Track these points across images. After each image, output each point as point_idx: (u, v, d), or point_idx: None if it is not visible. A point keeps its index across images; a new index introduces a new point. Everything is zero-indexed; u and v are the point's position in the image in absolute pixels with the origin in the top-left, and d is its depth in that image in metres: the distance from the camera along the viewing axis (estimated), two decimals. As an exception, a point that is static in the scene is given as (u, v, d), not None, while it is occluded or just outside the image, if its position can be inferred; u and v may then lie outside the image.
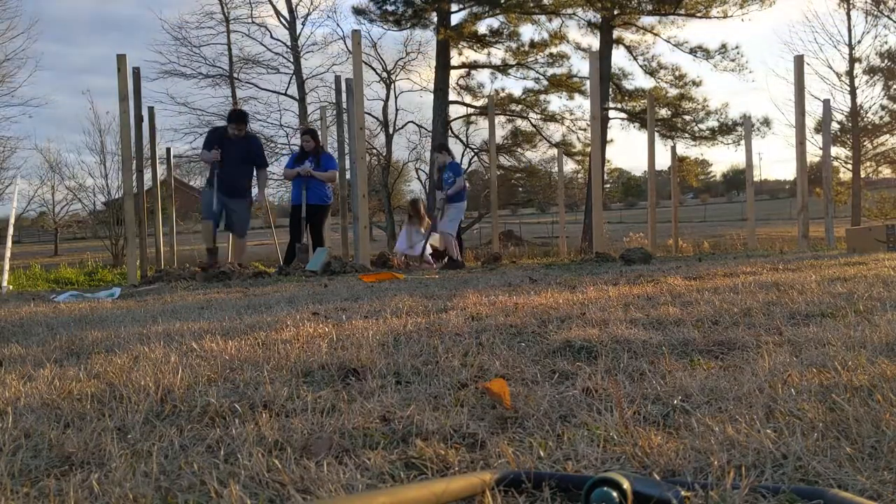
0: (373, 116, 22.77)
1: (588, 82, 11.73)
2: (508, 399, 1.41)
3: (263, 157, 7.97)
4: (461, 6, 20.72)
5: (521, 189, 28.12)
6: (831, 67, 23.82)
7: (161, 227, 10.76)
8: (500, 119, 21.90)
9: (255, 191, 7.74)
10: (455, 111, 22.04)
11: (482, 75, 25.06)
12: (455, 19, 20.96)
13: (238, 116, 7.66)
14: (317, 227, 8.06)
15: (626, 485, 0.90)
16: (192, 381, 1.69)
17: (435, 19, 20.73)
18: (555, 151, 20.25)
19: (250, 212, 8.03)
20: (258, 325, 2.70)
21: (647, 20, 20.53)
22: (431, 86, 21.28)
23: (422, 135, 23.91)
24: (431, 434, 1.25)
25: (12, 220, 9.18)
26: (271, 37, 22.65)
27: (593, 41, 20.70)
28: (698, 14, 19.98)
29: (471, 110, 22.39)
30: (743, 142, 12.31)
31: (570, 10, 20.19)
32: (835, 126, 21.72)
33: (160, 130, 14.93)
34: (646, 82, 21.42)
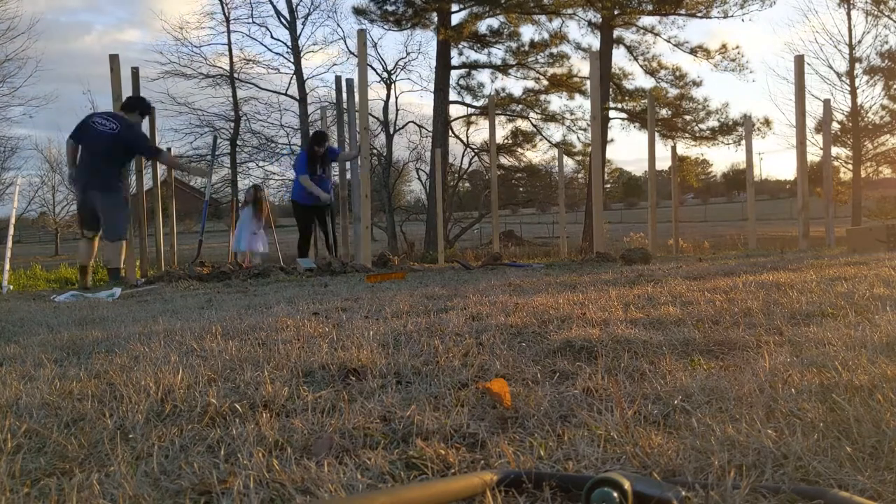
0: (373, 116, 22.75)
1: (588, 82, 11.73)
2: (509, 399, 1.41)
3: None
4: (461, 6, 20.72)
5: (521, 189, 28.13)
6: (831, 67, 23.75)
7: (161, 227, 10.76)
8: (500, 119, 21.92)
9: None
10: (455, 111, 22.06)
11: (482, 75, 25.12)
12: (455, 19, 20.96)
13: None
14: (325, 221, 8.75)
15: (626, 485, 0.90)
16: (192, 381, 1.69)
17: (435, 19, 20.72)
18: (555, 151, 20.26)
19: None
20: (258, 325, 2.70)
21: (647, 20, 20.54)
22: (431, 86, 21.30)
23: (422, 135, 23.93)
24: (432, 434, 1.25)
25: (13, 220, 9.17)
26: (272, 37, 22.66)
27: (593, 41, 20.72)
28: (699, 14, 19.98)
29: (471, 110, 22.41)
30: (743, 142, 12.30)
31: (570, 10, 20.19)
32: (835, 126, 21.70)
33: (160, 130, 14.92)
34: (646, 82, 21.43)
